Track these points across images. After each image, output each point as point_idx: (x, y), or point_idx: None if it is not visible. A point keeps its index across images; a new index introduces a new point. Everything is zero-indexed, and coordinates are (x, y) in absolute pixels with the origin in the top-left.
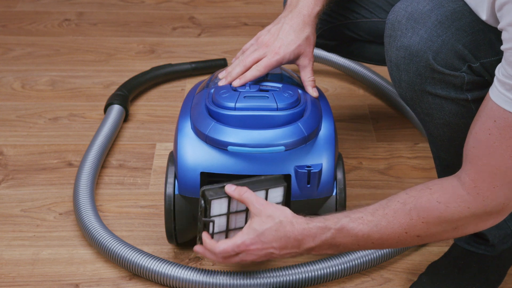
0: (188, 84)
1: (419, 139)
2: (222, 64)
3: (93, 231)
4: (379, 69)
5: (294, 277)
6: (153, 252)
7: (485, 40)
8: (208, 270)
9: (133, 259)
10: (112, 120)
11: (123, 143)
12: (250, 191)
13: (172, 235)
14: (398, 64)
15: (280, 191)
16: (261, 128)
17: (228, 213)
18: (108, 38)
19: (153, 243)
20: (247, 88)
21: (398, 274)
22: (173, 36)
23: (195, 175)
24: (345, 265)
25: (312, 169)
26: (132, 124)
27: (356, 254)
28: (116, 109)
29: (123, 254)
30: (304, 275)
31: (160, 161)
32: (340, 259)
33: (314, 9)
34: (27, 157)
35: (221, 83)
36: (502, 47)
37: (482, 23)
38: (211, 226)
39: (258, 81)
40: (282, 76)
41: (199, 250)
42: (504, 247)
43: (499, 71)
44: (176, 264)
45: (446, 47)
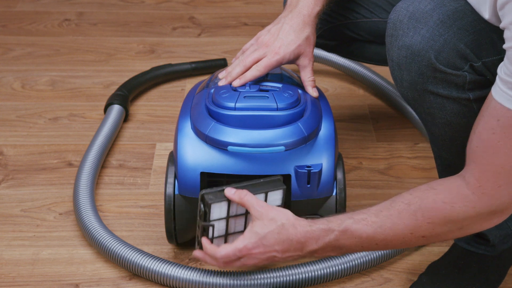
0: (188, 84)
1: (419, 139)
2: (222, 64)
3: (93, 231)
4: (379, 69)
5: (294, 278)
6: (153, 252)
7: (487, 39)
8: (208, 270)
9: (133, 259)
10: (112, 120)
11: (123, 143)
12: (251, 194)
13: (172, 235)
14: (400, 64)
15: (280, 194)
16: (261, 128)
17: (228, 217)
18: (108, 38)
19: (153, 243)
20: (247, 88)
21: (398, 274)
22: (173, 36)
23: (195, 175)
24: (345, 265)
25: (312, 169)
26: (132, 124)
27: (356, 254)
28: (116, 109)
29: (123, 254)
30: (304, 275)
31: (160, 161)
32: (340, 259)
33: (314, 9)
34: (27, 157)
35: (221, 83)
36: (505, 46)
37: (484, 22)
38: (211, 231)
39: (258, 81)
40: (282, 76)
41: (199, 255)
42: (505, 247)
43: (501, 70)
44: (176, 264)
45: (448, 46)
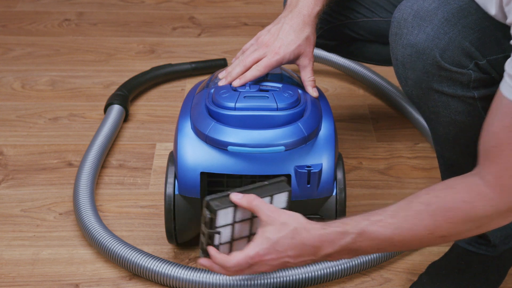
0: (188, 84)
1: (419, 139)
2: (222, 64)
3: (93, 231)
4: (379, 69)
5: (294, 278)
6: (153, 252)
7: (492, 37)
8: (208, 270)
9: (133, 259)
10: (112, 120)
11: (123, 143)
12: (259, 199)
13: (172, 235)
14: (404, 62)
15: (285, 196)
16: (261, 128)
17: (234, 223)
18: (108, 38)
19: (153, 243)
20: (247, 88)
21: (398, 274)
22: (173, 36)
23: (195, 175)
24: (345, 265)
25: (312, 169)
26: (132, 124)
27: None
28: (116, 109)
29: (123, 254)
30: (304, 275)
31: (160, 161)
32: (340, 259)
33: (314, 9)
34: (27, 157)
35: (221, 83)
36: None
37: (489, 20)
38: (217, 238)
39: (258, 81)
40: (282, 76)
41: (206, 264)
42: (505, 248)
43: (510, 66)
44: (176, 264)
45: (453, 45)
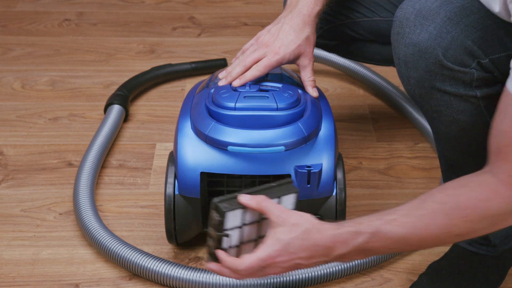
0: (188, 84)
1: (419, 139)
2: (222, 64)
3: (93, 231)
4: (379, 69)
5: (295, 277)
6: (153, 252)
7: (494, 36)
8: (208, 270)
9: (133, 259)
10: (112, 120)
11: (123, 143)
12: (269, 200)
13: (172, 235)
14: (407, 61)
15: (293, 198)
16: (261, 128)
17: (243, 225)
18: (108, 38)
19: (153, 243)
20: (247, 88)
21: (398, 274)
22: (173, 36)
23: (195, 175)
24: (345, 265)
25: (312, 169)
26: (132, 124)
27: None
28: (116, 109)
29: (123, 254)
30: (304, 275)
31: (160, 161)
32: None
33: (314, 9)
34: (27, 157)
35: (221, 83)
36: None
37: (491, 19)
38: (225, 241)
39: (258, 81)
40: (282, 76)
41: (215, 268)
42: (505, 248)
43: None
44: (176, 264)
45: (456, 44)
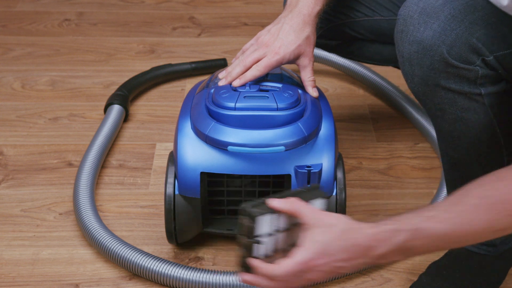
0: (188, 84)
1: (419, 139)
2: (222, 64)
3: (93, 231)
4: (379, 69)
5: None
6: (153, 252)
7: (498, 33)
8: (208, 270)
9: (133, 259)
10: (112, 120)
11: (123, 143)
12: (300, 201)
13: (172, 235)
14: (411, 59)
15: (322, 203)
16: (261, 128)
17: (273, 232)
18: (108, 38)
19: (153, 243)
20: (247, 88)
21: (398, 274)
22: (173, 36)
23: (195, 175)
24: None
25: (312, 169)
26: (132, 124)
27: None
28: (116, 109)
29: (123, 254)
30: None
31: (160, 161)
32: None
33: (314, 9)
34: (27, 157)
35: (221, 83)
36: None
37: (495, 16)
38: (256, 249)
39: (258, 81)
40: (282, 76)
41: (250, 279)
42: (505, 248)
43: None
44: (176, 264)
45: (460, 41)
